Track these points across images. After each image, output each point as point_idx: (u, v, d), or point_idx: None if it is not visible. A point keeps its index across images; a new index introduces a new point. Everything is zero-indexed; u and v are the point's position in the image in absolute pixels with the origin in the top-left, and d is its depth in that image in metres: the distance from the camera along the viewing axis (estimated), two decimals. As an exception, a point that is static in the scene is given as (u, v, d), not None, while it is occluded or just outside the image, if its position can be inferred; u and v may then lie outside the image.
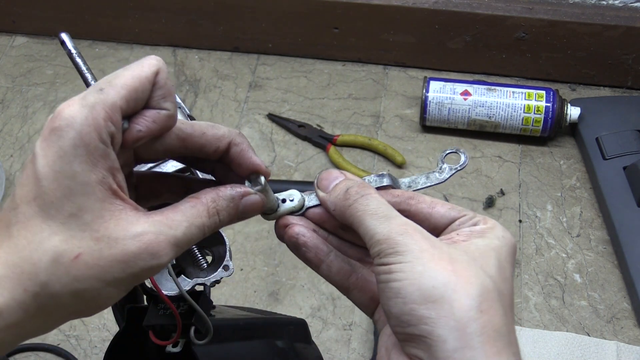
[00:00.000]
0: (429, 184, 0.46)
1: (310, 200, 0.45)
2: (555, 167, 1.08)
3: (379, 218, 0.39)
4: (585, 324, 0.92)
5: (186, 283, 0.53)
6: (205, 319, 0.54)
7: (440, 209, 0.42)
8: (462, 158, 0.46)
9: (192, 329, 0.54)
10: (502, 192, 1.05)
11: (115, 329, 0.86)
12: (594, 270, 0.97)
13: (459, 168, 0.46)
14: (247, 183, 0.42)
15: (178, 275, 0.53)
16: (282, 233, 0.45)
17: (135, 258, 0.34)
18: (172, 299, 0.53)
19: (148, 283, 0.53)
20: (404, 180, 0.46)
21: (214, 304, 0.60)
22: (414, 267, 0.36)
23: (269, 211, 0.44)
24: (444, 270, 0.36)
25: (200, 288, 0.57)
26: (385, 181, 0.45)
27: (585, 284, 0.96)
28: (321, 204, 0.44)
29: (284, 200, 0.45)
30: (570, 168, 1.08)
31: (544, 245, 0.99)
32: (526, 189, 1.06)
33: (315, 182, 0.44)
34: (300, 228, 0.44)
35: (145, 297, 0.60)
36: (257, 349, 0.66)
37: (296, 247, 0.44)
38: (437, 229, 0.42)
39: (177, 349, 0.56)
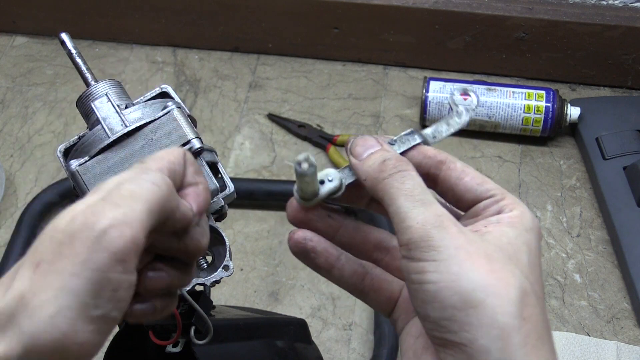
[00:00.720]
0: (452, 131, 0.44)
1: (347, 177, 0.42)
2: (555, 167, 1.08)
3: (414, 201, 0.36)
4: (585, 324, 0.92)
5: (186, 283, 0.53)
6: (206, 318, 0.54)
7: (469, 181, 0.40)
8: (474, 97, 0.44)
9: (192, 329, 0.55)
10: (502, 192, 1.05)
11: (115, 329, 0.86)
12: (594, 270, 0.97)
13: (475, 106, 0.44)
14: (294, 165, 0.39)
15: (178, 275, 0.53)
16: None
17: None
18: (172, 298, 0.53)
19: (148, 283, 0.53)
20: (427, 132, 0.44)
21: (213, 304, 0.60)
22: (450, 267, 0.34)
23: (310, 196, 0.41)
24: (482, 271, 0.34)
25: (200, 288, 0.57)
26: (417, 138, 0.42)
27: (585, 284, 0.96)
28: (354, 172, 0.41)
29: (321, 182, 0.42)
30: (570, 168, 1.08)
31: (544, 245, 0.99)
32: (526, 189, 1.06)
33: (349, 146, 0.41)
34: (305, 232, 0.42)
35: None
36: (257, 349, 0.66)
37: (304, 254, 0.42)
38: (460, 203, 0.41)
39: (177, 349, 0.56)
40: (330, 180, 0.41)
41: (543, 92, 1.07)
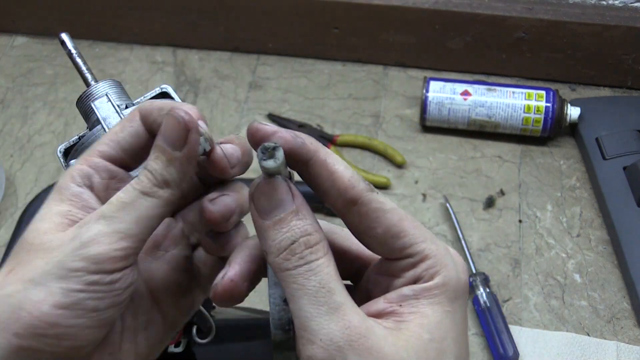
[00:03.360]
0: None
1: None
2: (555, 167, 1.08)
3: (319, 305, 0.31)
4: (585, 324, 0.92)
5: (187, 283, 0.53)
6: (208, 317, 0.54)
7: (382, 233, 0.33)
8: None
9: (194, 328, 0.55)
10: (502, 192, 1.05)
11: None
12: (594, 270, 0.97)
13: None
14: (259, 154, 0.32)
15: (178, 275, 0.53)
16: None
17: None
18: (172, 298, 0.53)
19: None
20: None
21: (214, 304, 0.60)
22: None
23: None
24: None
25: (201, 288, 0.56)
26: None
27: (585, 284, 0.96)
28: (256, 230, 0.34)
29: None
30: (570, 168, 1.08)
31: (544, 245, 0.99)
32: (526, 189, 1.06)
33: (251, 193, 0.33)
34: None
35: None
36: (257, 349, 0.66)
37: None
38: (374, 250, 0.35)
39: (179, 349, 0.56)
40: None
41: (543, 92, 1.07)
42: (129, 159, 0.37)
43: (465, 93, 1.09)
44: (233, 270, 0.35)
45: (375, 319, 0.32)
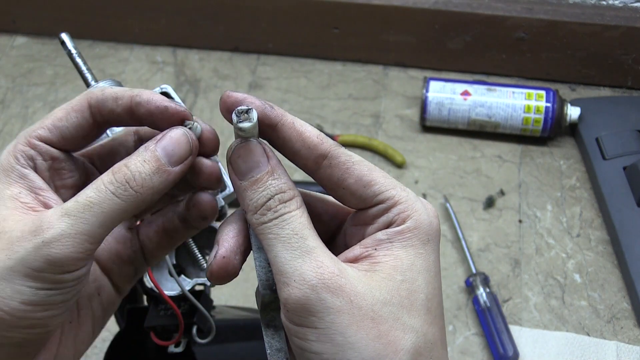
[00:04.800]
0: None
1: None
2: (555, 167, 1.08)
3: (292, 250, 0.32)
4: (585, 324, 0.92)
5: (186, 283, 0.53)
6: (208, 317, 0.54)
7: (353, 183, 0.34)
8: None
9: (194, 328, 0.55)
10: (502, 192, 1.05)
11: (115, 329, 0.86)
12: (594, 270, 0.97)
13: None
14: (234, 118, 0.34)
15: (178, 275, 0.53)
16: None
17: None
18: (172, 299, 0.53)
19: (148, 283, 0.53)
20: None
21: (214, 303, 0.60)
22: (333, 336, 0.31)
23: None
24: (369, 337, 0.31)
25: (201, 288, 0.57)
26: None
27: (585, 284, 0.96)
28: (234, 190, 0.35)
29: None
30: (570, 168, 1.08)
31: (544, 245, 0.99)
32: (526, 189, 1.06)
33: (228, 156, 0.35)
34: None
35: (145, 297, 0.60)
36: (257, 349, 0.66)
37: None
38: (348, 204, 0.36)
39: (179, 349, 0.56)
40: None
41: (543, 92, 1.07)
42: (69, 145, 0.37)
43: (465, 93, 1.09)
44: (223, 248, 0.35)
45: (351, 263, 0.34)
